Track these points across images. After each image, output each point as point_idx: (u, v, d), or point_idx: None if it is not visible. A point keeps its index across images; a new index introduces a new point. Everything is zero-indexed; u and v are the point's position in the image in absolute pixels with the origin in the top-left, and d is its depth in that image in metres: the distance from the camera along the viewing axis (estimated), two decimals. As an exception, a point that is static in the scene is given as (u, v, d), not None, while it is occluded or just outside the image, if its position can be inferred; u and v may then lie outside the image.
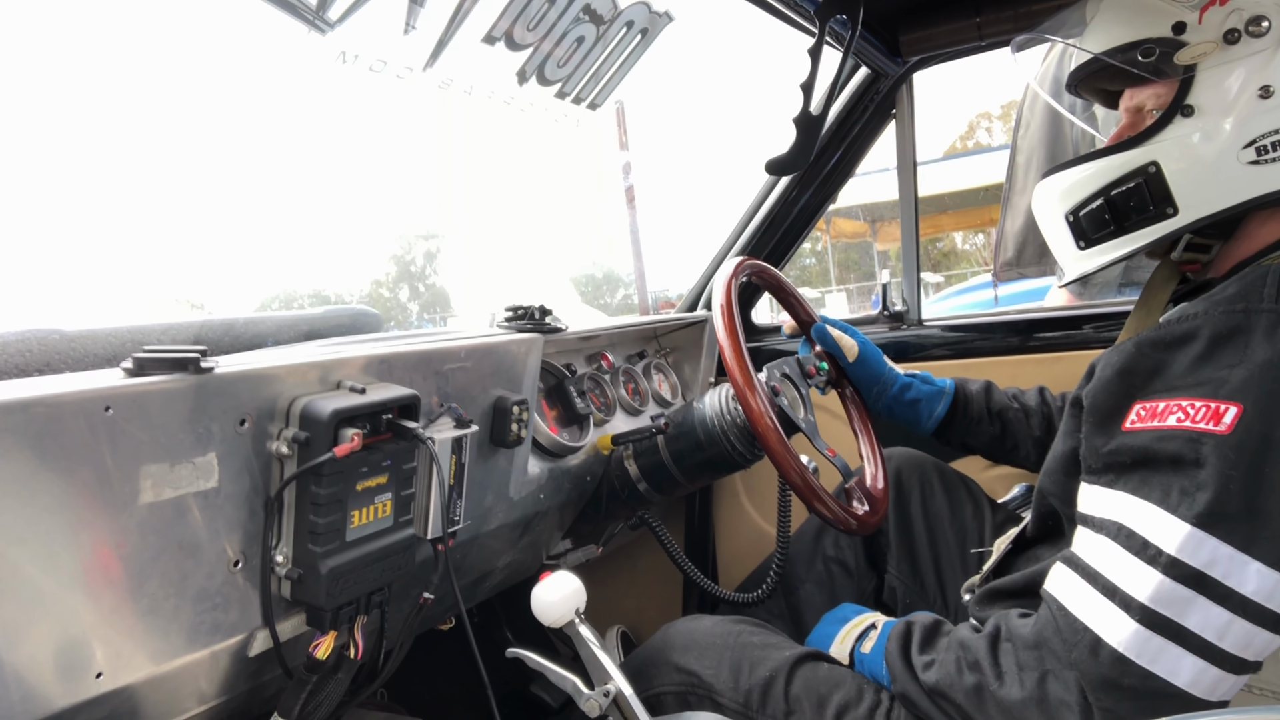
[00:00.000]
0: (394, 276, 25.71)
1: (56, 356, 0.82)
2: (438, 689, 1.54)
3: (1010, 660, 0.74)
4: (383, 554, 0.86)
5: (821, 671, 0.95)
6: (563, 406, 1.39)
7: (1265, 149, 0.81)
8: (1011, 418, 1.24)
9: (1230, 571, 0.64)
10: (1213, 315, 0.74)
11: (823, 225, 12.31)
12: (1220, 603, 0.65)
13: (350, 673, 0.88)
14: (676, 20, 1.46)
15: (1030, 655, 0.72)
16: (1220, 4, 0.84)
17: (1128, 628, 0.67)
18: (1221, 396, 0.68)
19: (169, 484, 0.71)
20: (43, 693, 0.64)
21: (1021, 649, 0.74)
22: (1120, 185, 0.88)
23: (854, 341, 1.26)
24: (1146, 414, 0.73)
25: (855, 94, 1.73)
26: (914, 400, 1.24)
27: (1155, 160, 0.86)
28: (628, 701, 0.87)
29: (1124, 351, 0.78)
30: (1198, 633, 0.65)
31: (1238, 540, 0.64)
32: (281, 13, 1.07)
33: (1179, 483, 0.68)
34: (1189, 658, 0.65)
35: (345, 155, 38.25)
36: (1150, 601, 0.66)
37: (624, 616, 1.77)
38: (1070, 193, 0.93)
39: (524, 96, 1.42)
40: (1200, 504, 0.66)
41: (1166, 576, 0.66)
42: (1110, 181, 0.89)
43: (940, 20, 1.49)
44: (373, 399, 0.83)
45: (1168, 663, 0.65)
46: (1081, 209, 0.92)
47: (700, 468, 1.34)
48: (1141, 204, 0.87)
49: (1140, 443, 0.71)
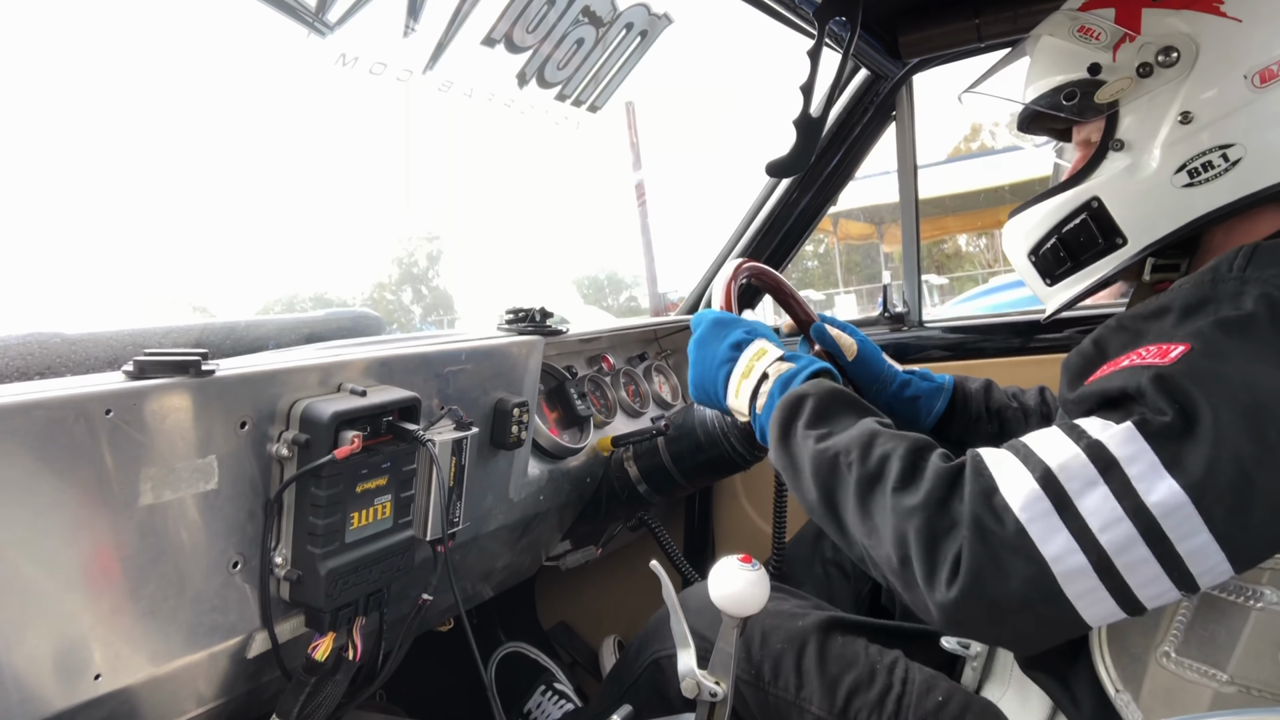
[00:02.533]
0: (397, 279, 25.75)
1: (58, 359, 0.82)
2: (436, 690, 1.54)
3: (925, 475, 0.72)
4: (382, 555, 0.86)
5: (834, 649, 0.96)
6: (563, 408, 1.39)
7: (1196, 171, 0.85)
8: (1010, 417, 1.24)
9: (1144, 474, 0.64)
10: (1184, 289, 0.75)
11: (829, 227, 12.31)
12: (1118, 497, 0.64)
13: (349, 674, 0.89)
14: (676, 22, 1.47)
15: (942, 477, 0.71)
16: (1130, 40, 0.89)
17: (1025, 484, 0.66)
18: (1174, 340, 0.69)
19: (169, 486, 0.71)
20: (42, 694, 0.64)
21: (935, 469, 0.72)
22: (1069, 222, 0.94)
23: (853, 340, 1.26)
24: (1109, 367, 0.74)
25: (855, 96, 1.73)
26: (913, 397, 1.25)
27: (1096, 195, 0.92)
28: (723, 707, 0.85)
29: (1105, 326, 0.80)
30: (1083, 514, 0.64)
31: (1165, 454, 0.64)
32: (281, 15, 1.08)
33: (1135, 411, 0.67)
34: (1064, 533, 0.64)
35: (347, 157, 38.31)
36: (1056, 468, 0.66)
37: (623, 617, 1.77)
38: (1029, 234, 0.99)
39: (524, 99, 1.43)
40: (1136, 414, 0.66)
41: (1082, 453, 0.66)
42: (1060, 220, 0.95)
43: (939, 22, 1.50)
44: (373, 401, 0.84)
45: (1043, 528, 0.65)
46: (1039, 248, 0.98)
47: (700, 469, 1.34)
48: (1091, 238, 0.93)
49: (1097, 386, 0.72)
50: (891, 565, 0.71)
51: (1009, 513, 0.66)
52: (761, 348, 0.94)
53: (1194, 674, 0.75)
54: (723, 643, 0.86)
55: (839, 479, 0.77)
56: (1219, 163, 0.85)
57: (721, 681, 0.85)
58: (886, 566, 0.72)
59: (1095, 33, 0.91)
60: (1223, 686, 0.73)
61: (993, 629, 0.68)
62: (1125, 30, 0.89)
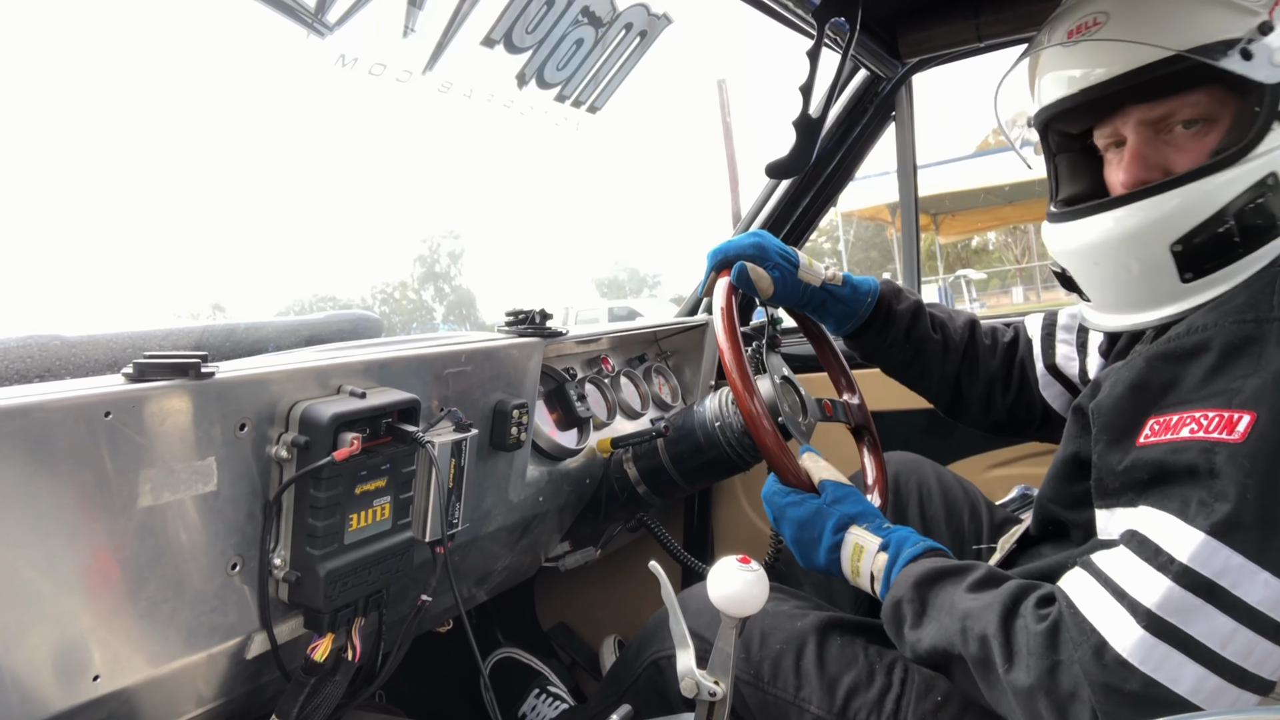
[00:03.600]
0: (419, 278, 25.78)
1: (57, 362, 0.83)
2: (435, 691, 1.55)
3: (1025, 647, 0.72)
4: (381, 556, 0.86)
5: (833, 649, 0.96)
6: (563, 410, 1.39)
7: None
8: (928, 350, 1.22)
9: (1239, 581, 0.64)
10: (1223, 326, 0.73)
11: (889, 217, 12.11)
12: (1226, 611, 0.64)
13: (348, 675, 0.89)
14: (675, 22, 1.47)
15: (1042, 641, 0.71)
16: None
17: (1134, 633, 0.66)
18: (1235, 406, 0.68)
19: (168, 488, 0.71)
20: (41, 695, 0.64)
21: (1031, 637, 0.73)
22: (1243, 203, 0.78)
23: (765, 273, 1.15)
24: (1160, 428, 0.72)
25: (855, 96, 1.73)
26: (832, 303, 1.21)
27: (1273, 170, 0.78)
28: (722, 707, 0.85)
29: (1134, 367, 0.77)
30: (1201, 640, 0.65)
31: (1250, 550, 0.64)
32: (281, 16, 1.08)
33: (1196, 494, 0.67)
34: (1191, 665, 0.65)
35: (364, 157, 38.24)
36: (1158, 608, 0.66)
37: (622, 618, 1.77)
38: (1177, 220, 0.81)
39: (523, 99, 1.43)
40: (1217, 514, 0.65)
41: (1177, 584, 0.66)
42: (1230, 200, 0.79)
43: (939, 21, 1.50)
44: (372, 403, 0.84)
45: (1170, 670, 0.65)
46: (1194, 236, 0.80)
47: (700, 470, 1.34)
48: (1269, 219, 0.79)
49: (1155, 456, 0.71)
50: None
51: (1131, 669, 0.66)
52: (856, 544, 0.93)
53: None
54: (721, 643, 0.86)
55: (963, 671, 0.79)
56: None
57: (720, 681, 0.85)
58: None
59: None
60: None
61: None
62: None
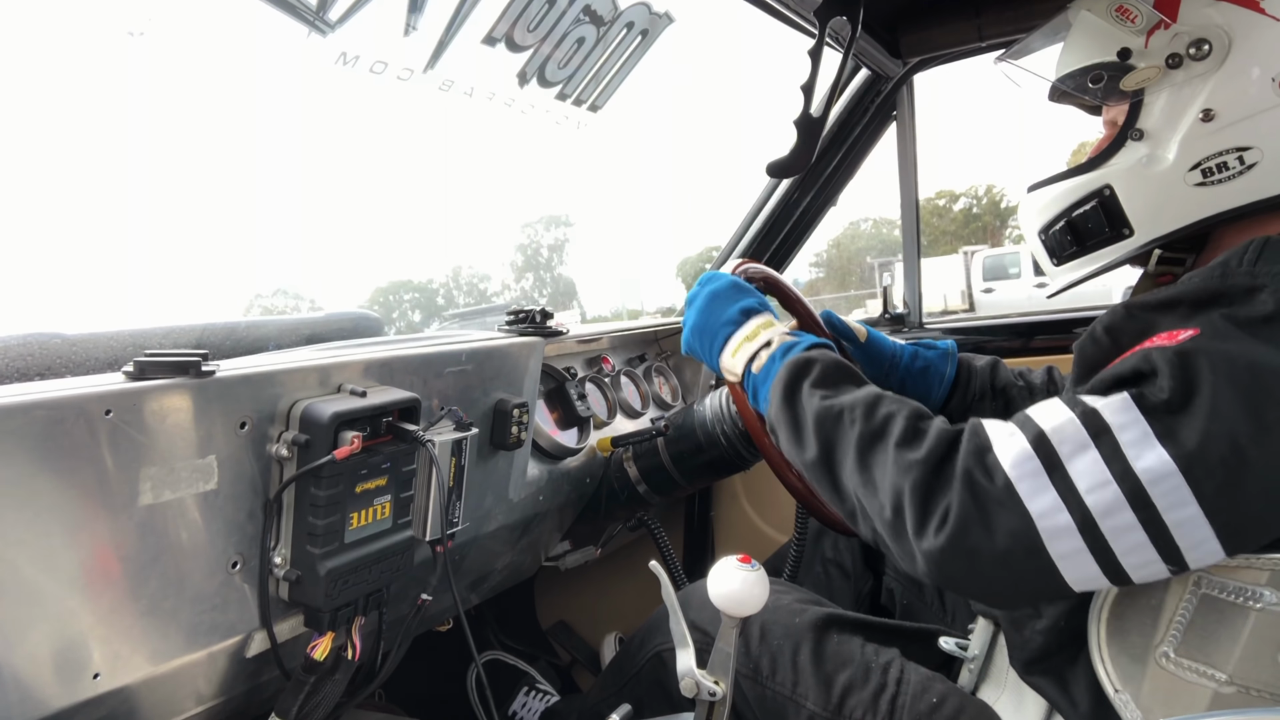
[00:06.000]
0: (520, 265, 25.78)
1: (58, 360, 0.82)
2: (435, 690, 1.55)
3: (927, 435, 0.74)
4: (381, 555, 0.86)
5: (830, 646, 0.96)
6: (563, 409, 1.39)
7: (1210, 171, 0.84)
8: (1014, 395, 1.24)
9: (1134, 441, 0.64)
10: (1193, 281, 0.75)
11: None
12: (1108, 462, 0.65)
13: (348, 673, 0.89)
14: (677, 21, 1.47)
15: (941, 438, 0.73)
16: (1164, 28, 0.87)
17: (1018, 445, 0.68)
18: (1184, 326, 0.70)
19: (168, 486, 0.71)
20: (41, 693, 0.64)
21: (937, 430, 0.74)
22: (1079, 207, 0.94)
23: (861, 325, 1.27)
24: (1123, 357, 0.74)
25: (856, 95, 1.73)
26: (924, 367, 1.25)
27: (1109, 184, 0.91)
28: (722, 707, 0.85)
29: (1114, 313, 0.80)
30: (1072, 476, 0.66)
31: (1158, 425, 0.64)
32: (282, 14, 1.08)
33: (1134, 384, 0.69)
34: (1051, 492, 0.66)
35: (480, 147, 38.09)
36: (1049, 431, 0.68)
37: (623, 616, 1.77)
38: (1042, 212, 0.99)
39: (525, 98, 1.43)
40: (1144, 392, 0.67)
41: (1075, 418, 0.67)
42: (1072, 203, 0.94)
43: (940, 21, 1.49)
44: (373, 402, 0.84)
45: (1031, 485, 0.66)
46: (1050, 228, 0.98)
47: (700, 470, 1.34)
48: (1099, 225, 0.92)
49: (1109, 372, 0.73)
50: (884, 516, 0.72)
51: (999, 469, 0.68)
52: (770, 319, 0.97)
53: (1193, 674, 0.74)
54: (722, 643, 0.86)
55: (841, 434, 0.79)
56: (1234, 165, 0.83)
57: (720, 681, 0.85)
58: (878, 518, 0.74)
59: (1132, 14, 0.89)
60: (1222, 687, 0.73)
61: (974, 580, 0.69)
62: (1162, 16, 0.87)
